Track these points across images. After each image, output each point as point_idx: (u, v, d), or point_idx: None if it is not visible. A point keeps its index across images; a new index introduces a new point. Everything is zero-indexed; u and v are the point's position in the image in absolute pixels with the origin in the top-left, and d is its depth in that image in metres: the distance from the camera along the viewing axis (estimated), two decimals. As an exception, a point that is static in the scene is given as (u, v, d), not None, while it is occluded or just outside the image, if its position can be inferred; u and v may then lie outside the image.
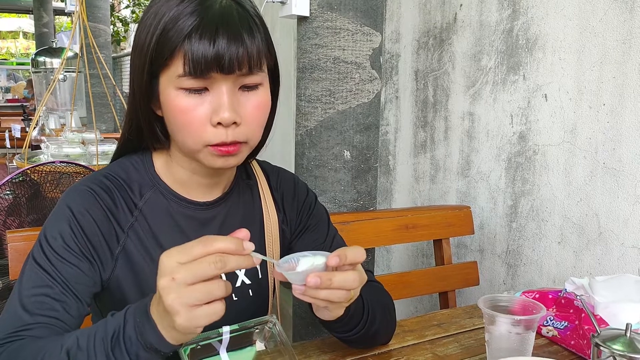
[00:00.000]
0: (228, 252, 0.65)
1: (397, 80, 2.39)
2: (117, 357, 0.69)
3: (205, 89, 0.79)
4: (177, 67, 0.78)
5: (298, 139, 1.79)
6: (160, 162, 0.94)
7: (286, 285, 0.80)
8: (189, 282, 0.63)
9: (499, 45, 1.86)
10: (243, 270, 0.98)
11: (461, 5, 2.02)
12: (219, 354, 0.76)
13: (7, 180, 1.63)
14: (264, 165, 1.08)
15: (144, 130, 0.89)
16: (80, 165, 1.88)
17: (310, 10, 1.67)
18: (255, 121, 0.84)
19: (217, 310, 0.65)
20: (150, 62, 0.81)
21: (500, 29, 1.85)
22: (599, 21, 1.53)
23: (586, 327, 1.00)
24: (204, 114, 0.79)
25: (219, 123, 0.79)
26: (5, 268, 1.88)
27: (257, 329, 0.79)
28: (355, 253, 0.76)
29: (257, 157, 1.04)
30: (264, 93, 0.85)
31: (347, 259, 0.74)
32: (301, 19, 1.71)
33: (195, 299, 0.63)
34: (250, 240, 0.98)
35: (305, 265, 0.74)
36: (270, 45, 0.85)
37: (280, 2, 1.69)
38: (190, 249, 0.65)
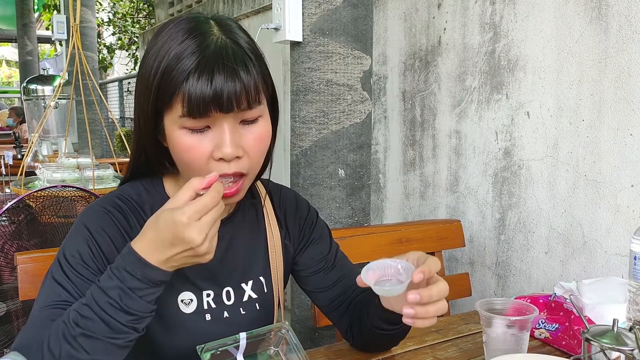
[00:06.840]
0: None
1: (385, 101, 2.47)
2: (132, 307, 0.77)
3: (208, 127, 0.83)
4: (178, 108, 0.81)
5: (293, 158, 1.85)
6: (169, 185, 0.99)
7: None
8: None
9: (482, 66, 1.95)
10: (250, 286, 1.03)
11: (445, 29, 2.12)
12: (236, 359, 0.80)
13: (14, 202, 1.66)
14: (267, 184, 1.13)
15: (152, 160, 0.94)
16: (81, 189, 1.91)
17: (303, 35, 1.75)
18: (256, 153, 0.87)
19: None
20: (154, 101, 0.84)
21: (483, 51, 1.94)
22: (576, 42, 1.63)
23: (576, 328, 1.06)
24: (206, 150, 0.83)
25: (221, 158, 0.83)
26: (4, 293, 1.89)
27: (271, 335, 0.84)
28: (436, 264, 0.82)
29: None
30: (265, 124, 0.88)
31: (431, 272, 0.80)
32: (294, 44, 1.79)
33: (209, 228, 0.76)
34: (255, 257, 1.03)
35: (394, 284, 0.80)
36: (267, 77, 0.88)
37: (275, 29, 1.76)
38: (203, 205, 0.76)
